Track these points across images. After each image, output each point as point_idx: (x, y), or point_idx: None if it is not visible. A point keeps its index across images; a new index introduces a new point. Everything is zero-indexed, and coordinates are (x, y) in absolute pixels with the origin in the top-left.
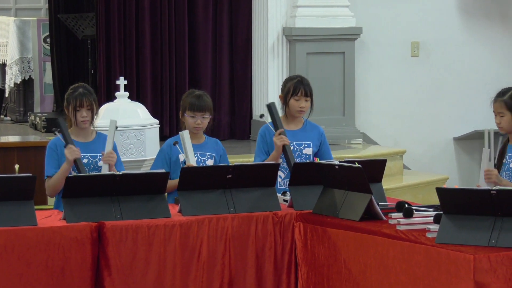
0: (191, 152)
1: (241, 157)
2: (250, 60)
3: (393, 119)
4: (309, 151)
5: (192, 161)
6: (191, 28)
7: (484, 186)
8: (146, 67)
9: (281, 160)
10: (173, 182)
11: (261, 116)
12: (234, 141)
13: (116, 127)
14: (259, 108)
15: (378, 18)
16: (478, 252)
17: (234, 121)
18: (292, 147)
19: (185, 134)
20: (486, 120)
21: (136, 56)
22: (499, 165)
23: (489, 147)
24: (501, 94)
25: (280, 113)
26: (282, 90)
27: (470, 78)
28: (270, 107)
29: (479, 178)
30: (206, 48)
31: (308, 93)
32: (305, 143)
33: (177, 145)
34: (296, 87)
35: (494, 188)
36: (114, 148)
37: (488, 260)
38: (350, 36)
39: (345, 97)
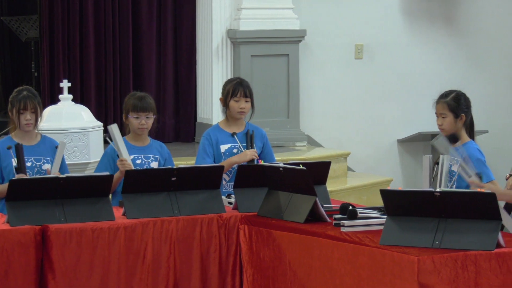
0: (122, 145)
1: (186, 160)
2: (195, 62)
3: (337, 121)
4: None
5: (125, 155)
6: (135, 31)
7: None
8: (90, 70)
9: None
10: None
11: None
12: (179, 144)
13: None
14: (203, 111)
15: (322, 21)
16: (422, 253)
17: (178, 123)
18: (236, 150)
19: (113, 128)
20: (429, 122)
21: (80, 59)
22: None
23: (430, 174)
24: (444, 96)
25: (222, 116)
26: (222, 92)
27: (414, 80)
28: (250, 135)
29: (422, 181)
30: (151, 51)
31: (247, 94)
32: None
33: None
34: (235, 88)
35: (437, 189)
36: (64, 168)
37: (432, 261)
38: (294, 38)
39: (289, 99)
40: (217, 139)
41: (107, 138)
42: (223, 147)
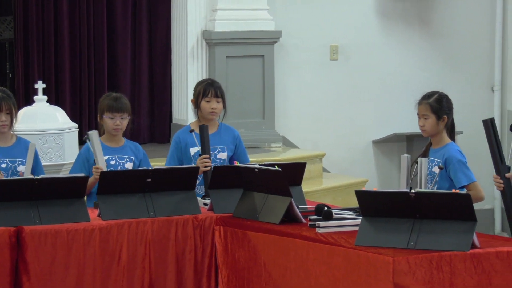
0: (100, 152)
1: (161, 161)
2: (170, 63)
3: (312, 122)
4: (223, 155)
5: (101, 163)
6: (110, 31)
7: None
8: (65, 71)
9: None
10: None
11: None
12: (154, 145)
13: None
14: (178, 111)
15: (297, 22)
16: (397, 254)
17: (153, 124)
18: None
19: (93, 134)
20: (404, 123)
21: (54, 60)
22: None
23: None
24: (427, 97)
25: (194, 117)
26: (194, 93)
27: (389, 81)
28: (202, 129)
29: (399, 181)
30: (125, 52)
31: (218, 94)
32: (219, 148)
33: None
34: (206, 89)
35: (412, 190)
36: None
37: (407, 262)
38: (269, 39)
39: (264, 100)
40: (186, 142)
41: (87, 141)
42: (193, 150)
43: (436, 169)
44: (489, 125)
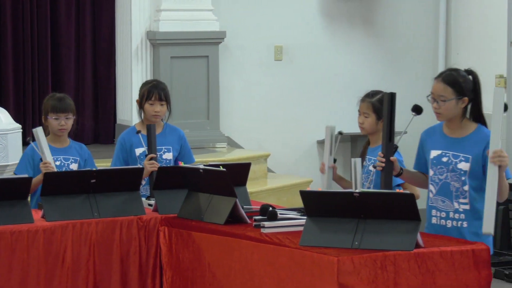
0: (46, 148)
1: (106, 162)
2: (114, 64)
3: (257, 123)
4: (169, 156)
5: (49, 158)
6: (53, 32)
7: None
8: (8, 72)
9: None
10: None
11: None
12: (98, 145)
13: None
14: (123, 112)
15: (242, 22)
16: (342, 254)
17: (98, 125)
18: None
19: (39, 131)
20: (348, 123)
21: None
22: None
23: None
24: (370, 95)
25: (138, 118)
26: (139, 94)
27: (333, 81)
28: (149, 129)
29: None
30: (69, 52)
31: (162, 97)
32: (164, 148)
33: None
34: (150, 91)
35: (357, 190)
36: None
37: (351, 262)
38: (214, 40)
39: (209, 101)
40: (131, 143)
41: (31, 142)
42: (138, 151)
43: (372, 168)
44: (388, 99)
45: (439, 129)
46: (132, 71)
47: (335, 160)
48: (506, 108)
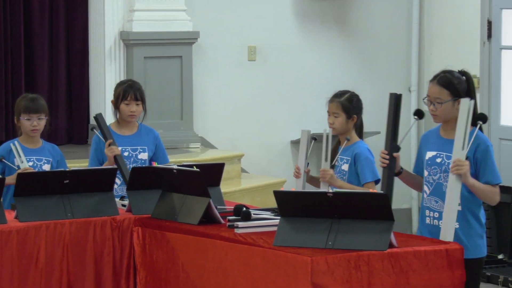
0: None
1: (79, 162)
2: (87, 64)
3: (231, 123)
4: (144, 156)
5: (25, 165)
6: (27, 32)
7: (322, 186)
8: None
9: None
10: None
11: (92, 129)
12: (72, 146)
13: None
14: (97, 112)
15: (215, 23)
16: (316, 254)
17: (71, 125)
18: (127, 153)
19: (99, 118)
20: (322, 123)
21: None
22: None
23: (326, 147)
24: (338, 95)
25: (113, 118)
26: (114, 95)
27: (306, 82)
28: (97, 119)
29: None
30: (43, 52)
31: (138, 97)
32: (140, 148)
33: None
34: (125, 91)
35: (330, 190)
36: None
37: (325, 262)
38: (188, 40)
39: (183, 101)
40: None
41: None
42: None
43: (345, 167)
44: (394, 100)
45: (436, 131)
46: (106, 72)
47: (307, 164)
48: (485, 119)
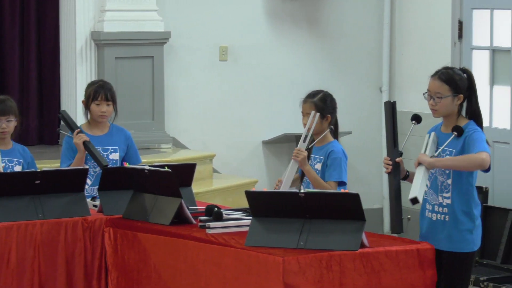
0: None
1: (50, 163)
2: (58, 64)
3: (202, 123)
4: (116, 156)
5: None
6: None
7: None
8: None
9: (87, 166)
10: None
11: (59, 131)
12: (43, 146)
13: None
14: (68, 113)
15: (187, 23)
16: (287, 254)
17: (42, 126)
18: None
19: (63, 113)
20: (294, 123)
21: None
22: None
23: (309, 128)
24: (311, 95)
25: (84, 119)
26: (85, 95)
27: (278, 82)
28: (63, 115)
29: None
30: (13, 52)
31: (109, 98)
32: (111, 148)
33: None
34: (96, 91)
35: (302, 191)
36: None
37: (297, 262)
38: (159, 40)
39: (154, 101)
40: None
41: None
42: None
43: (318, 166)
44: (389, 108)
45: (438, 127)
46: (77, 72)
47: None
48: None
